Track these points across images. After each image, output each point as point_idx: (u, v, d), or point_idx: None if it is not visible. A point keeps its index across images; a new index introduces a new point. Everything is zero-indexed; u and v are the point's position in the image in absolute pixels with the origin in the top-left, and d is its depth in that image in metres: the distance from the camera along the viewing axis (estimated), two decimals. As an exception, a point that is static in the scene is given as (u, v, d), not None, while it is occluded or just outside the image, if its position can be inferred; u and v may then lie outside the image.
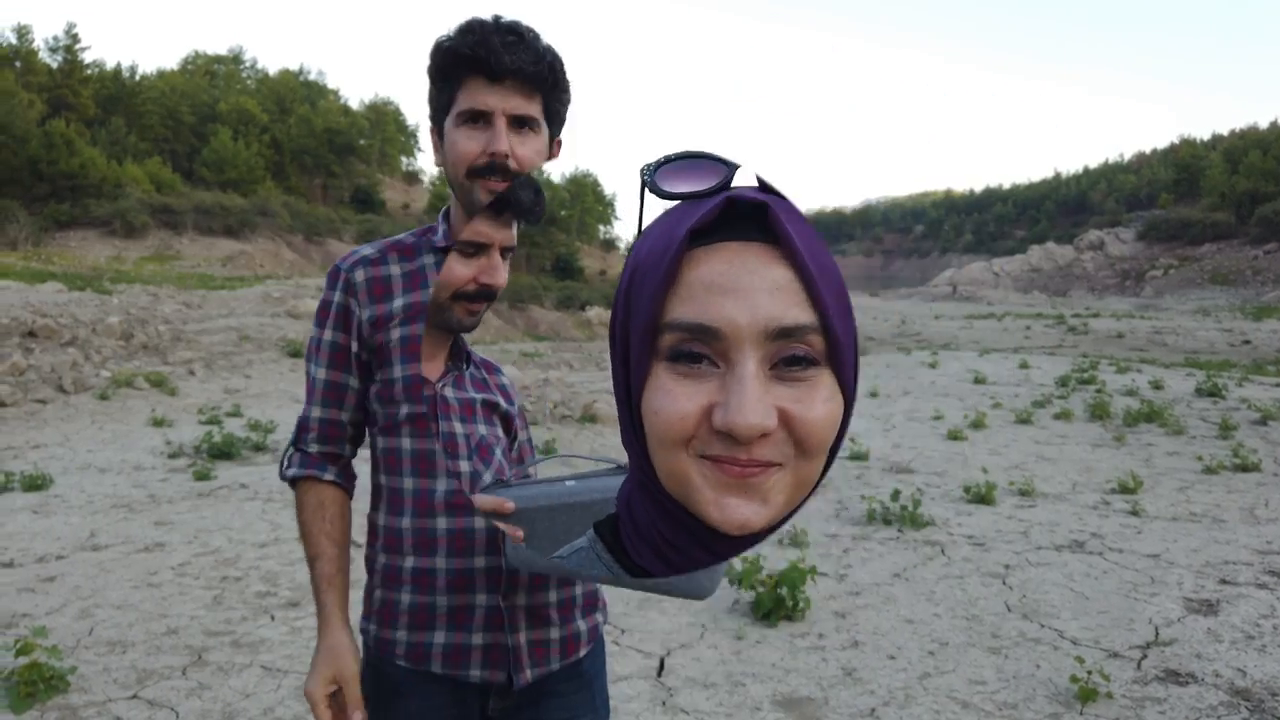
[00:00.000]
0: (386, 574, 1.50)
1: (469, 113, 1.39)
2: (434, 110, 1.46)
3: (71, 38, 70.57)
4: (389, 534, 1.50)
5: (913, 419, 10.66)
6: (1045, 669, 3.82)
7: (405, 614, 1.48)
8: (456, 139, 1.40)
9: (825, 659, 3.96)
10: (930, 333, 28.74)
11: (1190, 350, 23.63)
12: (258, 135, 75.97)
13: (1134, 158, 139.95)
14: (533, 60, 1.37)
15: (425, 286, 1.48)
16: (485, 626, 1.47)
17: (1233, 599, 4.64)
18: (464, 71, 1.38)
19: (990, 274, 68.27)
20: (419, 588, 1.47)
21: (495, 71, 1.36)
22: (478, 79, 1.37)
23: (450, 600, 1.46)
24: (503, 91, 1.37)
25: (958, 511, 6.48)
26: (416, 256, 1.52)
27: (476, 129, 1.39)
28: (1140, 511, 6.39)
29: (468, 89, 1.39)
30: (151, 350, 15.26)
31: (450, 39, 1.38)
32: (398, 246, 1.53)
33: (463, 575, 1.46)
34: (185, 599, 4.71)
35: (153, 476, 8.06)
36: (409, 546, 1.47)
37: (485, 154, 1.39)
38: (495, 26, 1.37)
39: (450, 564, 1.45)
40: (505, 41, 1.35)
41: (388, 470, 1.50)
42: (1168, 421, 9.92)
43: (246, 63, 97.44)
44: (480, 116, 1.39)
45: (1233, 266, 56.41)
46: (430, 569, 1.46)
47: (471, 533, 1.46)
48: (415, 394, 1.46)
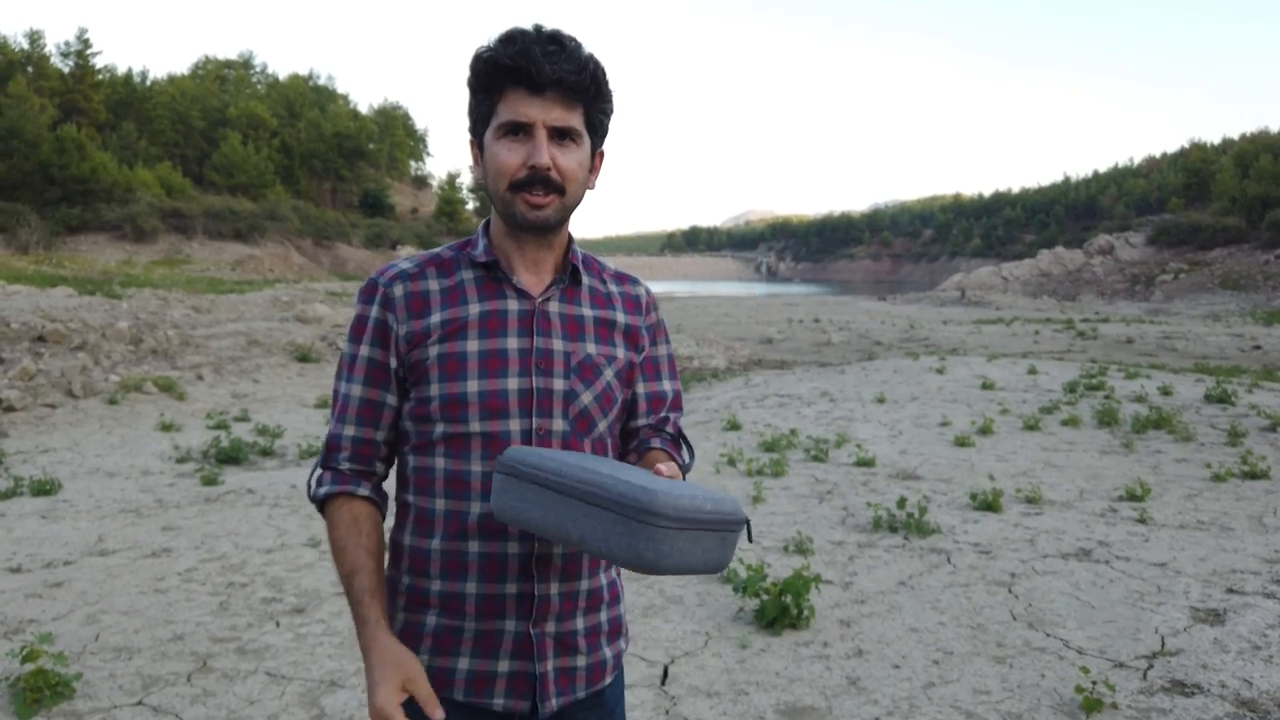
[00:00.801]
0: (412, 596, 1.47)
1: (510, 124, 1.37)
2: (474, 122, 1.44)
3: (83, 43, 70.98)
4: (416, 555, 1.46)
5: (920, 425, 10.64)
6: (1050, 679, 3.81)
7: (430, 637, 1.44)
8: (497, 151, 1.39)
9: (829, 668, 3.96)
10: (938, 338, 28.67)
11: (1200, 355, 23.52)
12: (267, 140, 76.31)
13: (1144, 162, 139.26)
14: (575, 70, 1.35)
15: (465, 302, 1.45)
16: (513, 654, 1.43)
17: (1240, 609, 4.61)
18: (505, 82, 1.36)
19: (999, 278, 68.04)
20: (446, 611, 1.44)
21: (537, 82, 1.34)
22: (519, 90, 1.35)
23: (478, 625, 1.43)
24: (544, 103, 1.36)
25: (964, 519, 6.47)
26: (455, 271, 1.48)
27: (517, 141, 1.38)
28: (1148, 519, 6.36)
29: (508, 100, 1.37)
30: (160, 355, 15.33)
31: (491, 49, 1.36)
32: (435, 261, 1.50)
33: (493, 601, 1.42)
34: (191, 605, 4.73)
35: (160, 481, 8.10)
36: (437, 569, 1.43)
37: (526, 166, 1.37)
38: (536, 36, 1.35)
39: (481, 589, 1.42)
40: (547, 51, 1.33)
41: (418, 489, 1.46)
42: (1176, 428, 9.87)
43: (257, 68, 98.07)
44: (521, 128, 1.37)
45: (1243, 271, 56.12)
46: (459, 593, 1.43)
47: (504, 558, 1.42)
48: (453, 413, 1.41)
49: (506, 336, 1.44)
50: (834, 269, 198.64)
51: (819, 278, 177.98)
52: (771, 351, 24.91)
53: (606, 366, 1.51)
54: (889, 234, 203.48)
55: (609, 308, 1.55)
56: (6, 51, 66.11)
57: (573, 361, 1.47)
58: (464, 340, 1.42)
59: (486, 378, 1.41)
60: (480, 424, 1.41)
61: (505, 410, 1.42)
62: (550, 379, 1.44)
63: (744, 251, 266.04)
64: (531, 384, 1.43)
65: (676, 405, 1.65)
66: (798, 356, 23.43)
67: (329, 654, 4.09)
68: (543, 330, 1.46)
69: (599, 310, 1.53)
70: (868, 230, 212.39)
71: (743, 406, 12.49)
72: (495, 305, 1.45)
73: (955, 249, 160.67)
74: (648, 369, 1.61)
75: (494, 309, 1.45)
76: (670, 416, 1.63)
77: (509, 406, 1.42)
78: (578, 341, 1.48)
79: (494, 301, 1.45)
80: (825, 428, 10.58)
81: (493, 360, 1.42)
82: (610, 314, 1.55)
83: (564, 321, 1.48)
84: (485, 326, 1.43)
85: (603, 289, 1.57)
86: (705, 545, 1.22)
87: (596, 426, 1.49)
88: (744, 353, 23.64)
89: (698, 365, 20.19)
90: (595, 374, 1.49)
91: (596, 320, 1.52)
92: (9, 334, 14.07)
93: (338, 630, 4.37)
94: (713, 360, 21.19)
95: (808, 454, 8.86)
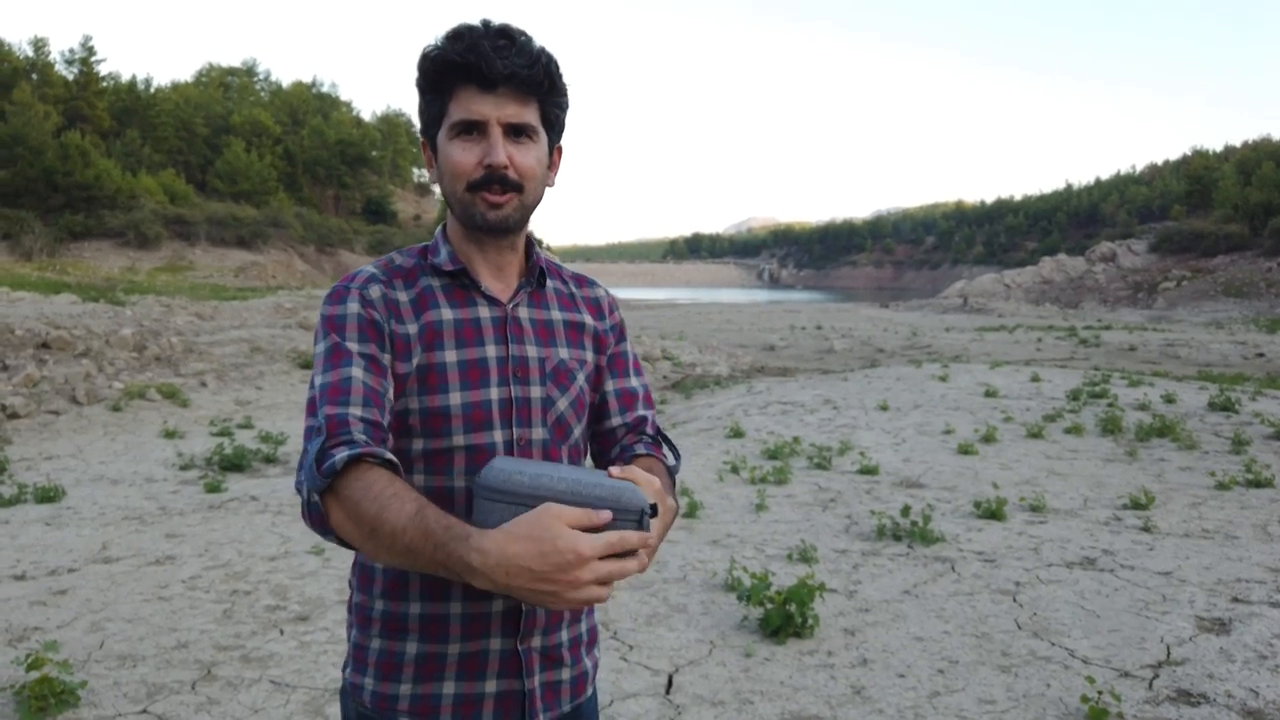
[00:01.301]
0: (388, 622, 1.38)
1: (463, 123, 1.33)
2: (425, 124, 1.39)
3: (88, 50, 71.21)
4: (391, 578, 1.38)
5: (923, 433, 10.63)
6: (1055, 688, 3.80)
7: (411, 665, 1.37)
8: (451, 152, 1.34)
9: (834, 677, 3.95)
10: (941, 345, 28.66)
11: (1203, 363, 23.50)
12: (271, 147, 76.44)
13: (1146, 169, 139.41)
14: (527, 64, 1.31)
15: (436, 306, 1.39)
16: (500, 673, 1.38)
17: (1245, 618, 4.60)
18: (455, 80, 1.32)
19: (1001, 286, 68.04)
20: (428, 635, 1.37)
21: (488, 79, 1.30)
22: (470, 87, 1.31)
23: (463, 648, 1.37)
24: (497, 99, 1.31)
25: (968, 527, 6.46)
26: (419, 279, 1.42)
27: (471, 140, 1.33)
28: (1152, 528, 6.35)
29: (460, 99, 1.32)
30: (164, 362, 15.35)
31: (438, 47, 1.32)
32: (399, 273, 1.42)
33: (478, 620, 1.37)
34: (195, 613, 4.73)
35: (164, 488, 8.10)
36: (417, 591, 1.36)
37: (482, 166, 1.33)
38: (485, 31, 1.31)
39: (467, 608, 1.36)
40: (496, 46, 1.30)
41: None
42: (1180, 436, 9.86)
43: (260, 75, 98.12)
44: (474, 127, 1.33)
45: (1246, 279, 56.10)
46: (443, 615, 1.36)
47: None
48: (435, 427, 1.35)
49: (484, 345, 1.39)
50: (836, 276, 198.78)
51: (821, 285, 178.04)
52: (774, 359, 24.91)
53: (579, 371, 1.48)
54: (891, 241, 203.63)
55: (575, 310, 1.52)
56: (11, 59, 66.32)
57: (547, 368, 1.43)
58: (441, 351, 1.36)
59: (469, 389, 1.36)
60: (464, 437, 1.35)
61: (488, 421, 1.37)
62: (528, 387, 1.41)
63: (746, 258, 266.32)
64: (510, 393, 1.39)
65: (648, 401, 1.59)
66: (800, 364, 23.43)
67: (333, 662, 4.08)
68: (516, 337, 1.42)
69: (567, 313, 1.50)
70: (870, 237, 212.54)
71: (745, 414, 12.48)
72: (468, 313, 1.40)
73: (958, 256, 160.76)
74: (616, 365, 1.56)
75: (467, 317, 1.40)
76: (646, 415, 1.57)
77: (492, 417, 1.37)
78: (550, 347, 1.45)
79: (466, 309, 1.40)
80: (828, 435, 10.57)
81: (473, 370, 1.37)
82: (578, 316, 1.51)
83: (535, 327, 1.45)
84: (461, 335, 1.38)
85: (566, 290, 1.53)
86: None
87: (572, 433, 1.46)
88: (746, 360, 23.64)
89: (700, 372, 20.18)
90: (569, 379, 1.45)
91: (566, 324, 1.49)
92: (13, 341, 14.09)
93: (341, 638, 4.37)
94: (715, 367, 21.18)
95: (811, 462, 8.86)
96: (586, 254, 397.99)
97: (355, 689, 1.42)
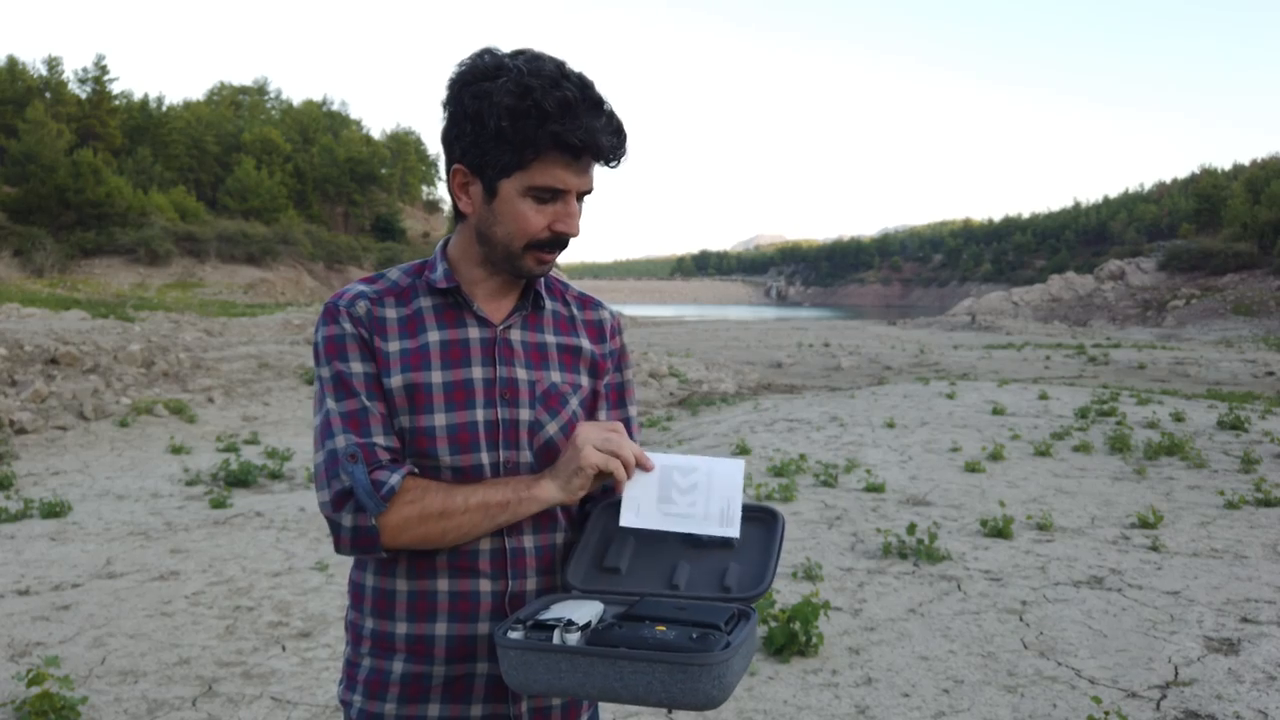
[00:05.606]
0: (377, 641, 1.39)
1: (549, 190, 1.32)
2: (481, 160, 1.33)
3: (100, 69, 71.94)
4: (380, 596, 1.39)
5: (930, 450, 10.59)
6: (1062, 708, 3.76)
7: (397, 685, 1.37)
8: (524, 210, 1.33)
9: (838, 696, 3.92)
10: (949, 362, 28.59)
11: (1213, 381, 23.39)
12: (281, 164, 77.02)
13: (1154, 187, 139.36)
14: (619, 143, 1.33)
15: (424, 331, 1.39)
16: (486, 697, 1.37)
17: (1254, 638, 4.56)
18: (548, 144, 1.29)
19: (1009, 303, 67.92)
20: (414, 656, 1.37)
21: (585, 155, 1.31)
22: (563, 156, 1.30)
23: (448, 670, 1.36)
24: (580, 168, 1.33)
25: (974, 545, 6.42)
26: (413, 299, 1.42)
27: (545, 203, 1.34)
28: (1160, 547, 6.30)
29: (546, 163, 1.30)
30: (172, 378, 15.40)
31: (541, 108, 1.27)
32: (393, 290, 1.42)
33: (464, 642, 1.36)
34: (198, 629, 4.72)
35: (170, 504, 8.11)
36: (403, 611, 1.37)
37: (550, 229, 1.34)
38: (584, 101, 1.29)
39: (452, 630, 1.36)
40: (598, 126, 1.30)
41: None
42: (1189, 455, 9.80)
43: (271, 93, 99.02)
44: (557, 195, 1.33)
45: (1255, 297, 55.90)
46: (428, 636, 1.36)
47: (476, 596, 1.36)
48: (420, 447, 1.36)
49: (470, 366, 1.38)
50: (844, 293, 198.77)
51: (828, 302, 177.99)
52: (781, 376, 24.87)
53: (572, 395, 1.46)
54: (899, 259, 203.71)
55: (572, 334, 1.50)
56: (25, 77, 67.06)
57: (537, 390, 1.42)
58: (427, 371, 1.36)
59: (454, 410, 1.36)
60: (450, 458, 1.36)
61: (475, 443, 1.37)
62: (516, 409, 1.39)
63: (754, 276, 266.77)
64: (497, 415, 1.38)
65: (635, 434, 1.58)
66: (807, 381, 23.39)
67: (334, 679, 4.07)
68: (505, 358, 1.41)
69: (562, 336, 1.49)
70: (877, 255, 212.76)
71: (752, 431, 12.45)
72: (456, 334, 1.40)
73: (965, 274, 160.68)
74: (612, 396, 1.55)
75: (455, 338, 1.39)
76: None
77: (478, 439, 1.37)
78: (541, 370, 1.44)
79: (454, 330, 1.40)
80: (835, 453, 10.54)
81: (458, 391, 1.37)
82: (575, 340, 1.49)
83: (526, 349, 1.43)
84: (448, 356, 1.38)
85: (566, 313, 1.52)
86: (746, 650, 1.24)
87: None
88: (753, 377, 23.61)
89: (707, 389, 20.17)
90: (561, 403, 1.44)
91: (560, 347, 1.47)
92: (22, 356, 14.17)
93: (343, 655, 4.35)
94: (722, 384, 21.16)
95: (817, 479, 8.82)
96: (594, 271, 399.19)
97: (345, 706, 1.43)
